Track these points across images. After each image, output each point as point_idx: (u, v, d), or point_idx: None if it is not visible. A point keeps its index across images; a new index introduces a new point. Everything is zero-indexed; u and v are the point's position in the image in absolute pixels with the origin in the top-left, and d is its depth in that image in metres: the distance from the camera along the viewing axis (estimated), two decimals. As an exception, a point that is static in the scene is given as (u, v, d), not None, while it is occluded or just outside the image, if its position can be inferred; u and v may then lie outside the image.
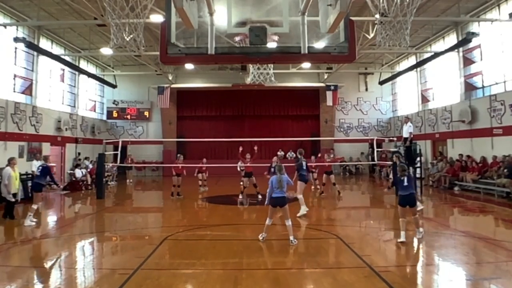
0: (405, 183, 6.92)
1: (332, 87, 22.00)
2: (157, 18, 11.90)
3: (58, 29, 17.57)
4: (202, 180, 15.49)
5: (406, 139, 13.92)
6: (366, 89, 24.74)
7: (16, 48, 15.46)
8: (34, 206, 8.96)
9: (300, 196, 9.57)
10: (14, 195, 9.71)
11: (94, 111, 23.76)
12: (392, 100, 24.71)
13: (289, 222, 6.92)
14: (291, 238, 6.85)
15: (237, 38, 6.24)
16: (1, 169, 10.36)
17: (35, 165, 13.77)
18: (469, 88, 16.52)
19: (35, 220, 8.90)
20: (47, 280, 5.27)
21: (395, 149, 14.42)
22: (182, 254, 6.50)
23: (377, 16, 6.59)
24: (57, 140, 18.44)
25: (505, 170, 12.44)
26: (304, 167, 10.00)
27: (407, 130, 13.95)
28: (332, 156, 18.22)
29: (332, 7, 4.95)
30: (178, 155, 14.13)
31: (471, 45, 15.24)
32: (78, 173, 17.02)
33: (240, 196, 12.45)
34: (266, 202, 7.18)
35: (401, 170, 7.14)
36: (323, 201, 12.67)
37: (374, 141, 14.37)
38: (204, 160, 15.67)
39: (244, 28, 5.49)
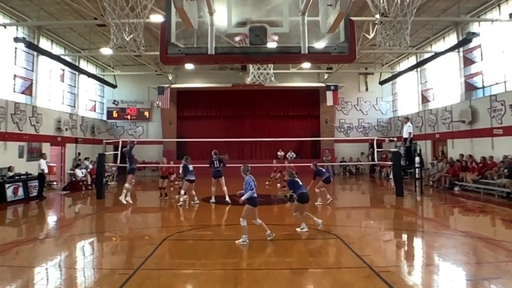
0: (300, 183, 7.75)
1: (332, 87, 21.99)
2: (157, 18, 11.89)
3: (58, 29, 17.57)
4: (171, 183, 14.57)
5: (406, 139, 13.93)
6: (366, 89, 24.73)
7: (16, 48, 15.48)
8: (127, 185, 11.09)
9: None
10: None
11: (94, 111, 23.77)
12: (392, 100, 24.70)
13: (259, 221, 7.16)
14: (268, 232, 7.07)
15: (237, 38, 6.24)
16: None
17: (43, 164, 13.86)
18: (470, 88, 16.52)
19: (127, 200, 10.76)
20: (47, 280, 5.27)
21: (396, 149, 14.42)
22: (182, 254, 6.49)
23: (377, 16, 6.60)
24: (57, 140, 18.44)
25: (505, 170, 12.44)
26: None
27: (406, 130, 13.96)
28: (329, 157, 18.36)
29: (332, 7, 4.95)
30: (163, 157, 14.03)
31: (471, 45, 15.24)
32: (79, 173, 17.01)
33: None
34: (243, 199, 7.07)
35: (290, 174, 8.11)
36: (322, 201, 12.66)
37: (375, 141, 14.38)
38: (171, 162, 14.84)
39: (244, 28, 5.48)
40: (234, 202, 11.61)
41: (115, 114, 24.26)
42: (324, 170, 11.65)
